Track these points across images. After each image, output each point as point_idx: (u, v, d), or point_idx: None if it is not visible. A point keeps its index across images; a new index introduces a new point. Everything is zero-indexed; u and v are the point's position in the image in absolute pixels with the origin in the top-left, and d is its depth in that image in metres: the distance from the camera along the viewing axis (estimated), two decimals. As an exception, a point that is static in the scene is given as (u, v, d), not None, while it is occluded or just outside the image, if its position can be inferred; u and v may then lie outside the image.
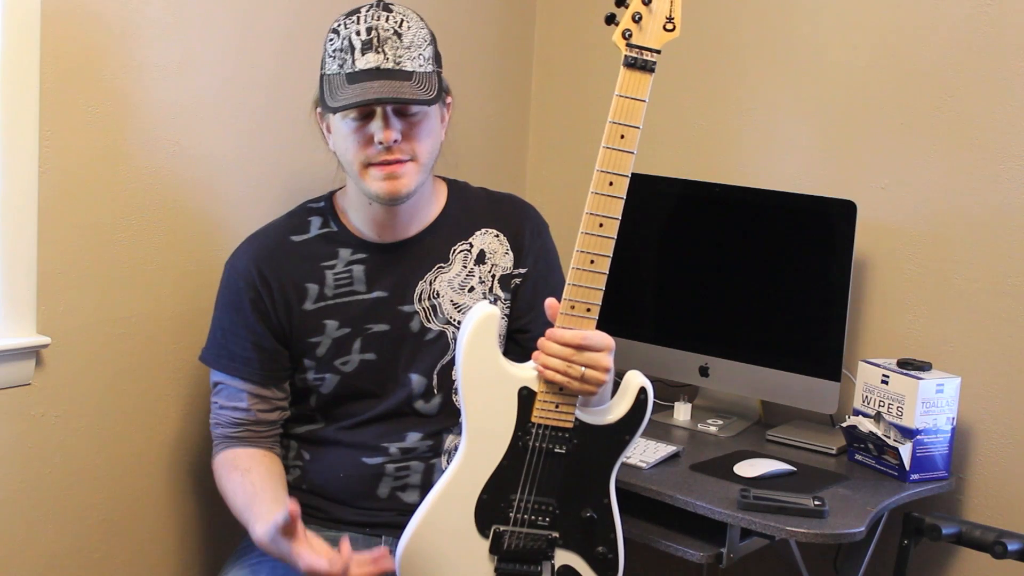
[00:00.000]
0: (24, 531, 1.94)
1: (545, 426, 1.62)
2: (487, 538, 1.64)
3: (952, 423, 2.10)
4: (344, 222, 1.89)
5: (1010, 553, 1.82)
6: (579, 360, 1.59)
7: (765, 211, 2.32)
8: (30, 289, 1.88)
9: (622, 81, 1.57)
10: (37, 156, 1.85)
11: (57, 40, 1.85)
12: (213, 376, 1.90)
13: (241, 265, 1.87)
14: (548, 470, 1.63)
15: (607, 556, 1.67)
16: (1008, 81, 2.13)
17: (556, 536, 1.65)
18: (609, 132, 1.57)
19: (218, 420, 1.89)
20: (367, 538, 1.87)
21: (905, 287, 2.27)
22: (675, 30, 1.57)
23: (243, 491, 1.80)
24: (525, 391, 1.62)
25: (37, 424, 1.93)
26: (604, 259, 1.61)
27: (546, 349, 1.61)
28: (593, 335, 1.61)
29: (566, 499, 1.65)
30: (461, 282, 1.89)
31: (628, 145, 1.58)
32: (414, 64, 1.73)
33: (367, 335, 1.85)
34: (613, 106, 1.57)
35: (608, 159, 1.58)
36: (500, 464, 1.63)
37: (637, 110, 1.57)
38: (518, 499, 1.63)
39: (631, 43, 1.56)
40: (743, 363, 2.33)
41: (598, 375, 1.60)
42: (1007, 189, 2.14)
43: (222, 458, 1.88)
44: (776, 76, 2.43)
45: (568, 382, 1.60)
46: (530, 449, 1.62)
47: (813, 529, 1.85)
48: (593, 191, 1.58)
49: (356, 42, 1.72)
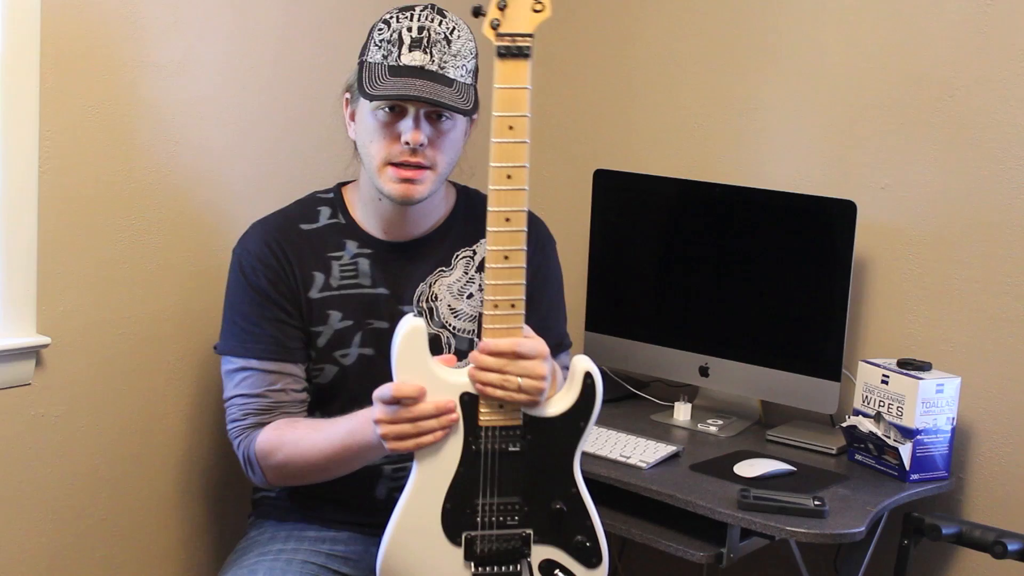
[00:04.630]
0: (24, 531, 1.94)
1: (494, 428, 1.60)
2: (460, 546, 1.62)
3: (952, 423, 2.10)
4: (352, 215, 1.89)
5: (1010, 553, 1.82)
6: (513, 370, 1.55)
7: (765, 211, 2.32)
8: (30, 289, 1.88)
9: (499, 72, 1.51)
10: (37, 156, 1.85)
11: (57, 40, 1.85)
12: (232, 366, 1.83)
13: (254, 246, 1.85)
14: (507, 470, 1.61)
15: (586, 544, 1.65)
16: (1008, 81, 2.13)
17: (529, 533, 1.64)
18: (497, 125, 1.53)
19: (247, 410, 1.82)
20: (365, 538, 1.87)
21: (905, 287, 2.27)
22: (544, 10, 1.51)
23: (321, 423, 1.76)
24: (467, 396, 1.58)
25: (37, 424, 1.93)
26: (519, 253, 1.57)
27: (479, 363, 1.57)
28: (525, 342, 1.57)
29: (531, 495, 1.63)
30: (460, 288, 1.88)
31: (519, 135, 1.53)
32: (456, 73, 1.73)
33: (367, 330, 1.85)
34: (495, 99, 1.52)
35: (501, 152, 1.53)
36: (457, 472, 1.60)
37: (520, 98, 1.52)
38: (482, 503, 1.61)
39: (500, 32, 1.50)
40: (743, 363, 2.33)
41: (535, 383, 1.57)
42: (1007, 189, 2.14)
43: (267, 433, 1.79)
44: (776, 76, 2.42)
45: (507, 395, 1.57)
46: (483, 452, 1.60)
47: (813, 529, 1.85)
48: (492, 187, 1.54)
49: (406, 37, 1.73)
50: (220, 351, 1.87)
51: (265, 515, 1.94)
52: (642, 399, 2.49)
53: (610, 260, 2.50)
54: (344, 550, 1.87)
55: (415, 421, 1.56)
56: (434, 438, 1.57)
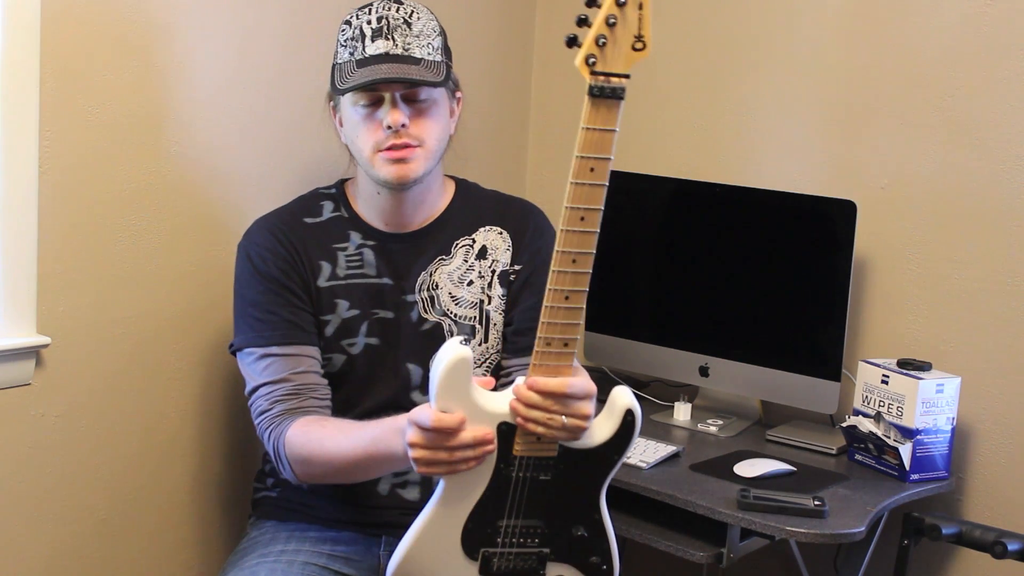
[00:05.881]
0: (24, 531, 1.94)
1: (528, 457, 1.57)
2: (476, 560, 1.61)
3: (952, 423, 2.10)
4: (355, 209, 1.92)
5: (1010, 553, 1.82)
6: (560, 410, 1.50)
7: (765, 211, 2.32)
8: (30, 289, 1.88)
9: (588, 112, 1.39)
10: (37, 156, 1.85)
11: (57, 40, 1.85)
12: (252, 357, 1.82)
13: (261, 238, 1.87)
14: (534, 496, 1.59)
15: (602, 567, 1.65)
16: (1008, 81, 2.13)
17: (547, 552, 1.63)
18: (578, 167, 1.42)
19: (274, 398, 1.79)
20: (367, 538, 1.87)
21: (905, 287, 2.27)
22: (644, 48, 1.39)
23: (349, 426, 1.73)
24: (505, 426, 1.53)
25: (37, 424, 1.93)
26: (580, 295, 1.48)
27: (526, 400, 1.51)
28: (576, 383, 1.51)
29: (554, 520, 1.61)
30: (460, 275, 1.90)
31: (599, 178, 1.44)
32: (423, 52, 1.78)
33: (373, 319, 1.87)
34: (580, 139, 1.41)
35: (578, 194, 1.44)
36: (483, 495, 1.58)
37: (607, 142, 1.41)
38: (505, 524, 1.60)
39: (596, 71, 1.37)
40: (743, 363, 2.33)
41: (579, 423, 1.53)
42: (1007, 189, 2.14)
43: (296, 429, 1.76)
44: (776, 76, 2.43)
45: (549, 433, 1.53)
46: (514, 479, 1.58)
47: (813, 529, 1.85)
48: (564, 228, 1.46)
49: (367, 30, 1.78)
50: (237, 346, 1.85)
51: (266, 515, 1.94)
52: (642, 399, 2.49)
53: (610, 260, 2.49)
54: (345, 550, 1.87)
55: (451, 450, 1.52)
56: (467, 467, 1.53)
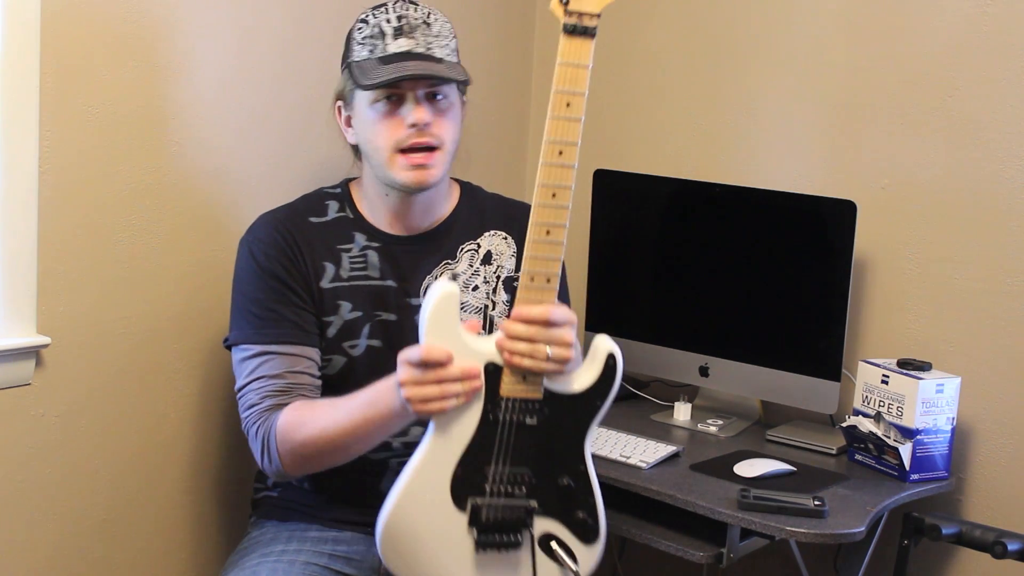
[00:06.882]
0: (24, 531, 1.94)
1: (514, 399, 1.61)
2: (465, 511, 1.63)
3: (952, 423, 2.10)
4: (360, 210, 1.91)
5: (1010, 553, 1.82)
6: (543, 338, 1.57)
7: (765, 211, 2.32)
8: (30, 289, 1.88)
9: (563, 48, 1.53)
10: (37, 156, 1.85)
11: (57, 40, 1.85)
12: (248, 353, 1.82)
13: (264, 234, 1.86)
14: (521, 441, 1.63)
15: (587, 522, 1.68)
16: (1008, 81, 2.13)
17: (534, 505, 1.65)
18: (555, 101, 1.54)
19: (264, 392, 1.79)
20: (368, 538, 1.87)
21: (905, 287, 2.27)
22: None
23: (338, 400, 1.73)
24: (491, 367, 1.60)
25: (37, 424, 1.93)
26: (560, 229, 1.58)
27: (510, 331, 1.58)
28: (557, 310, 1.59)
29: (541, 468, 1.65)
30: (466, 280, 1.91)
31: (575, 112, 1.55)
32: (443, 52, 1.81)
33: (376, 321, 1.87)
34: (556, 75, 1.53)
35: (556, 128, 1.55)
36: (472, 439, 1.62)
37: (581, 76, 1.53)
38: (492, 471, 1.63)
39: (569, 9, 1.52)
40: (743, 363, 2.33)
41: (563, 352, 1.59)
42: (1007, 189, 2.14)
43: (287, 414, 1.76)
44: (776, 76, 2.43)
45: (535, 365, 1.58)
46: (501, 422, 1.62)
47: (813, 529, 1.85)
48: (544, 162, 1.56)
49: (387, 28, 1.79)
50: (232, 341, 1.85)
51: (266, 515, 1.94)
52: (642, 399, 2.49)
53: (610, 260, 2.50)
54: (347, 550, 1.87)
55: (441, 383, 1.57)
56: (458, 402, 1.58)
